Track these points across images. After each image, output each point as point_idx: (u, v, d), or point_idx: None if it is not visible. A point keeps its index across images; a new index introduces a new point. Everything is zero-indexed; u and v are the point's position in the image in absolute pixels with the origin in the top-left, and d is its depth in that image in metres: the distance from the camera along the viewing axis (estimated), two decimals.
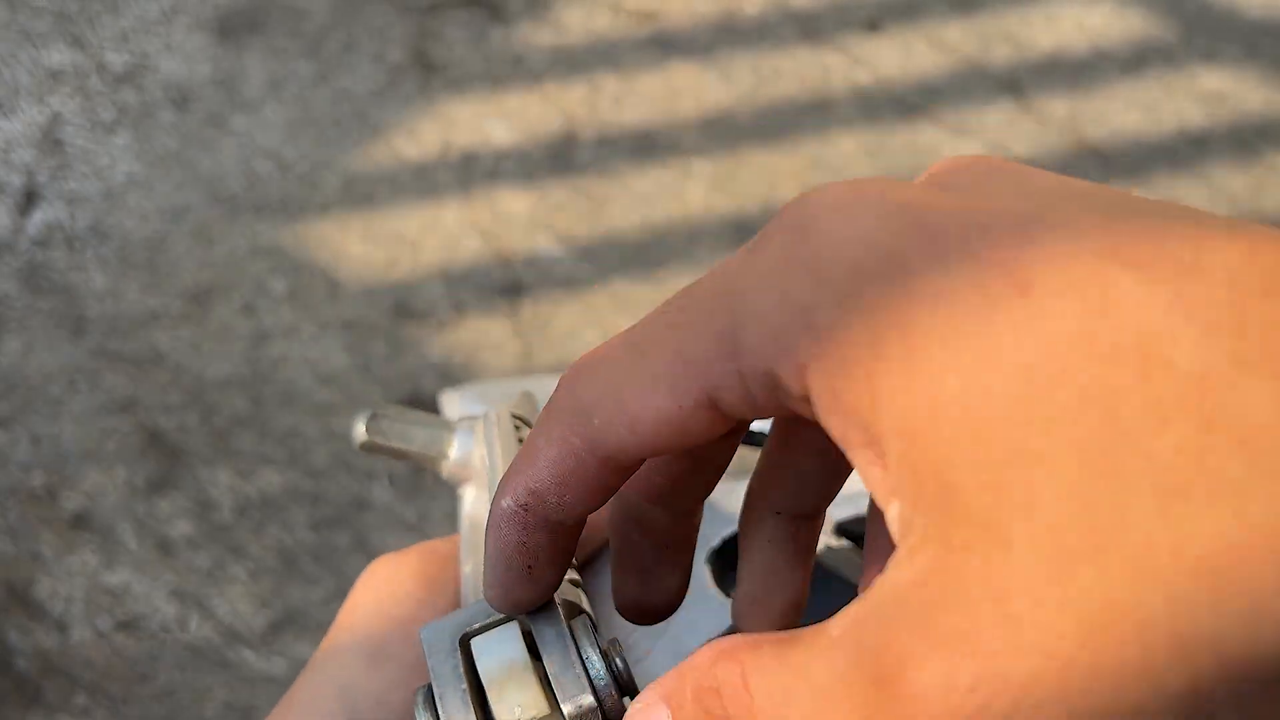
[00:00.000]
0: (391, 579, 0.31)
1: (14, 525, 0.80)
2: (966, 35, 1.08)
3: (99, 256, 0.93)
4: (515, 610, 0.23)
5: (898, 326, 0.17)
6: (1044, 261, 0.16)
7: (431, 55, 1.06)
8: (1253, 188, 0.98)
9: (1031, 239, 0.16)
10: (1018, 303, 0.16)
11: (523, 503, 0.21)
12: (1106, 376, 0.16)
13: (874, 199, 0.18)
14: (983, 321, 0.16)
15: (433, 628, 0.25)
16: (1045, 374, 0.16)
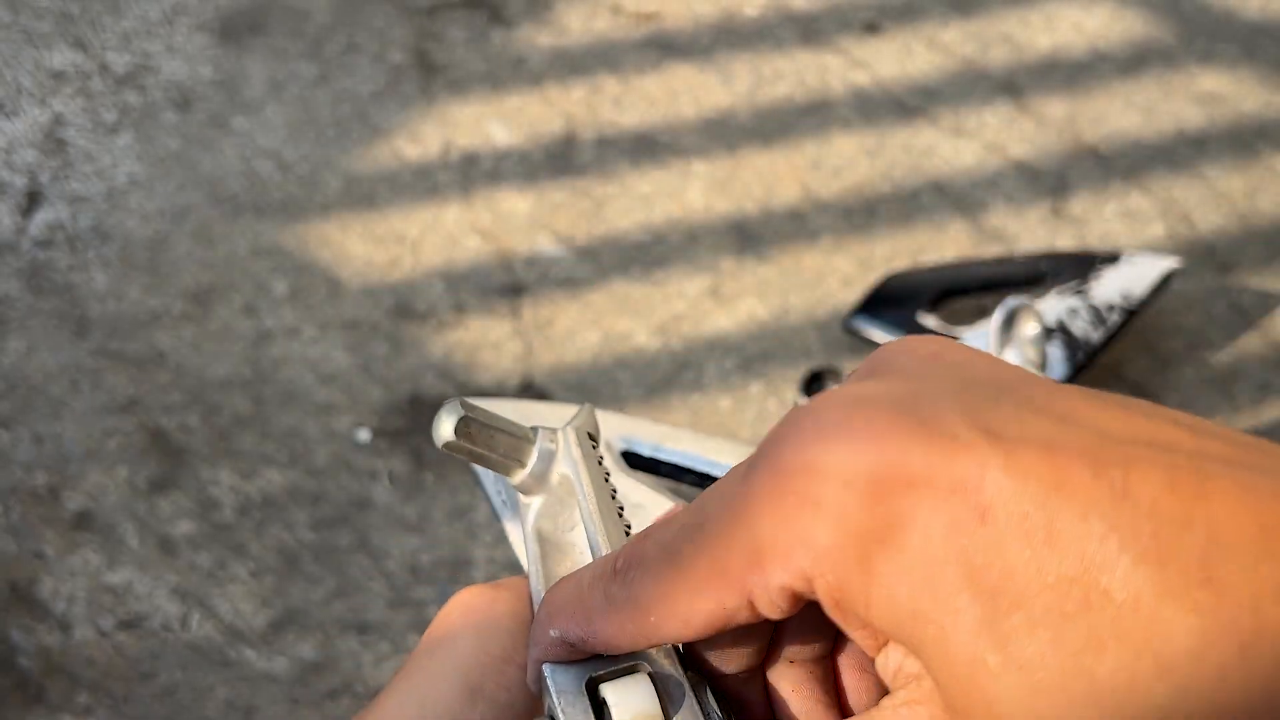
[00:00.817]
0: (489, 613, 0.30)
1: (16, 525, 0.80)
2: (965, 37, 1.09)
3: (101, 257, 0.93)
4: None
5: (883, 546, 0.20)
6: (996, 490, 0.19)
7: (432, 56, 1.07)
8: (1250, 189, 0.98)
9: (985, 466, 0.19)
10: (979, 531, 0.19)
11: (571, 642, 0.24)
12: (1055, 604, 0.18)
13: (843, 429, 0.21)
14: (952, 545, 0.19)
15: (558, 668, 0.25)
16: (1005, 598, 0.19)
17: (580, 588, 0.25)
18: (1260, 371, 0.88)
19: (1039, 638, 0.18)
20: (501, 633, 0.30)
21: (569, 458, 0.31)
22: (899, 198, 0.97)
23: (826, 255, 0.94)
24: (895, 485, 0.20)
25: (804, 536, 0.20)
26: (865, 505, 0.20)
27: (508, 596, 0.31)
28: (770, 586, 0.21)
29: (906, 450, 0.20)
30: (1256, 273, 0.93)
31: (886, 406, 0.21)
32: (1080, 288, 0.84)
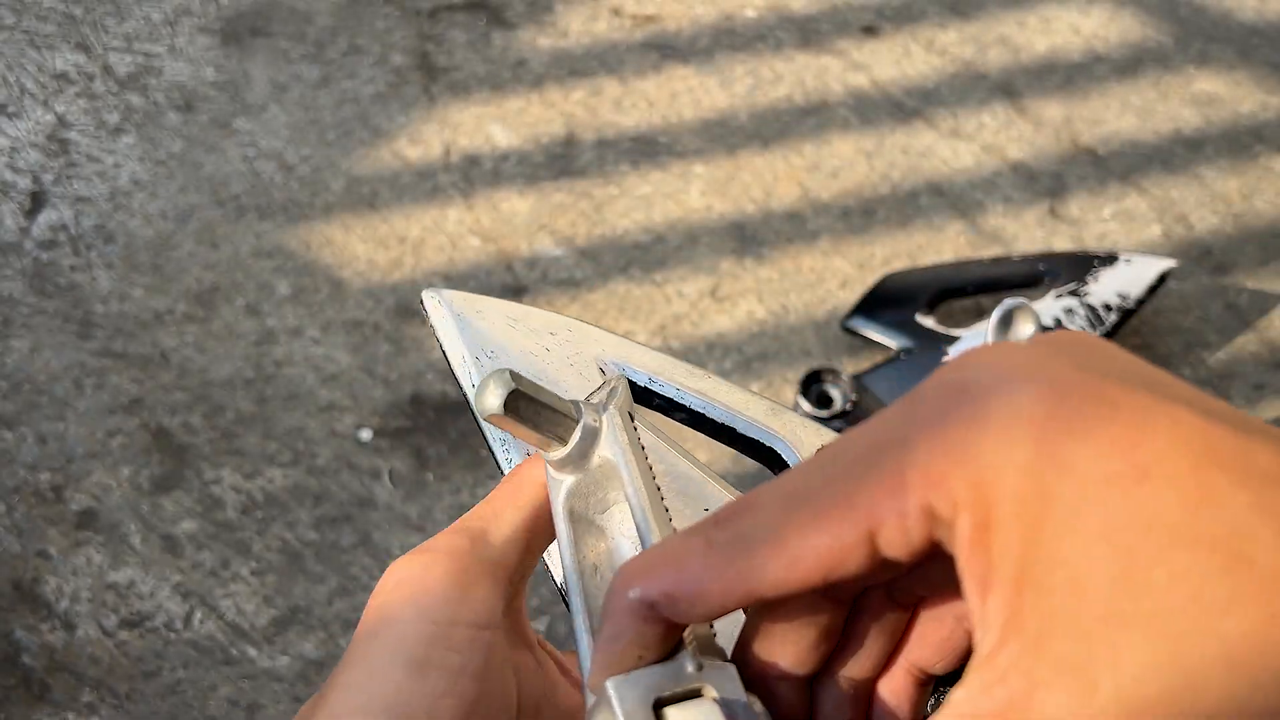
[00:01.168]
0: (423, 581, 0.29)
1: (20, 524, 0.80)
2: (962, 39, 1.09)
3: (104, 258, 0.94)
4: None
5: (1038, 486, 0.20)
6: (1157, 453, 0.20)
7: (434, 59, 1.07)
8: (1247, 190, 0.99)
9: (1148, 429, 0.20)
10: (1134, 488, 0.20)
11: (652, 599, 0.24)
12: (1198, 563, 0.19)
13: (1026, 368, 0.22)
14: (1105, 497, 0.20)
15: (622, 683, 0.24)
16: (1149, 552, 0.19)
17: (672, 541, 0.24)
18: (1256, 371, 0.89)
19: (1179, 594, 0.19)
20: (439, 599, 0.29)
21: (614, 442, 0.30)
22: (897, 199, 0.98)
23: (825, 256, 0.94)
24: (1066, 429, 0.20)
25: (966, 460, 0.21)
26: (1035, 439, 0.20)
27: (440, 559, 0.30)
28: (910, 510, 0.21)
29: (1082, 399, 0.20)
30: (1253, 273, 0.94)
31: (1067, 360, 0.22)
32: (1077, 288, 0.85)
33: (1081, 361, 0.22)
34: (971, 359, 0.22)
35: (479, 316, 0.38)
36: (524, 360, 0.37)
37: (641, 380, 0.38)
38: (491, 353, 0.37)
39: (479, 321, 0.38)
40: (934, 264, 0.92)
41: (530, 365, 0.37)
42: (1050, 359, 0.22)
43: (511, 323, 0.39)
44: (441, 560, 0.30)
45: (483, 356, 0.37)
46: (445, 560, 0.30)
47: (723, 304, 0.92)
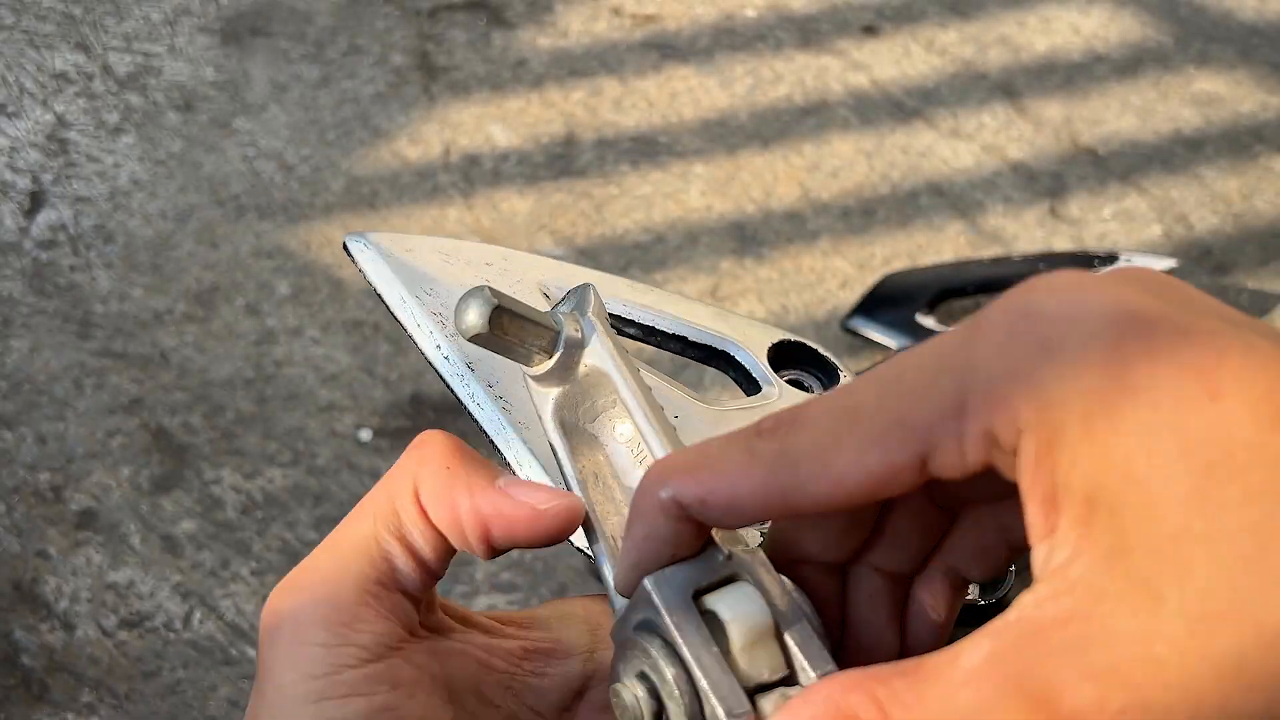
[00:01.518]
0: (296, 632, 0.27)
1: (20, 524, 0.80)
2: (962, 39, 1.09)
3: (104, 258, 0.94)
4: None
5: (1108, 407, 0.20)
6: (1231, 375, 0.19)
7: (434, 59, 1.07)
8: (1247, 190, 0.99)
9: (1223, 353, 0.20)
10: (1209, 406, 0.19)
11: (686, 501, 0.23)
12: (1271, 481, 0.19)
13: (1095, 292, 0.21)
14: (1178, 417, 0.19)
15: (661, 579, 0.24)
16: (1222, 470, 0.19)
17: (710, 446, 0.24)
18: None
19: (1252, 511, 0.19)
20: (318, 653, 0.26)
21: (601, 348, 0.29)
22: (897, 199, 0.98)
23: (825, 256, 0.94)
24: (1137, 351, 0.20)
25: (1033, 379, 0.20)
26: (1103, 361, 0.20)
27: (315, 602, 0.27)
28: (969, 433, 0.21)
29: (1153, 325, 0.20)
30: (1253, 273, 0.94)
31: (1138, 289, 0.21)
32: None
33: (1154, 290, 0.21)
34: (1040, 285, 0.22)
35: (410, 255, 0.37)
36: (462, 294, 0.36)
37: (617, 309, 0.37)
38: (430, 289, 0.36)
39: (411, 260, 0.37)
40: (934, 264, 0.92)
41: None
42: (1121, 286, 0.21)
43: (444, 257, 0.37)
44: (318, 604, 0.27)
45: (421, 294, 0.36)
46: (322, 603, 0.27)
47: (723, 304, 0.92)
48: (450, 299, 0.36)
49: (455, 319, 0.28)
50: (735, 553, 0.25)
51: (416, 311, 0.35)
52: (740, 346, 0.38)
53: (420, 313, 0.35)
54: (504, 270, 0.38)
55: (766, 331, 0.38)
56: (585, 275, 0.38)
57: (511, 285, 0.37)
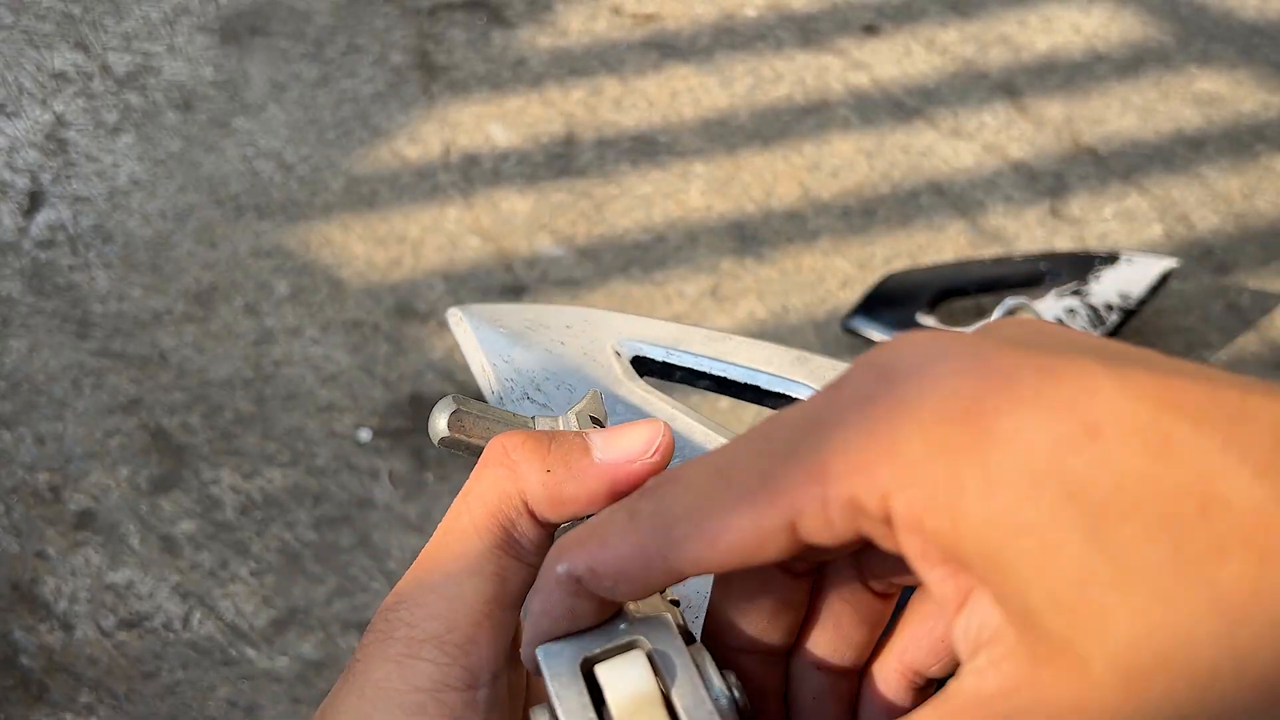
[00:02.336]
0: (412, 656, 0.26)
1: (18, 524, 0.80)
2: (963, 38, 1.09)
3: (102, 257, 0.93)
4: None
5: (977, 461, 0.19)
6: (1107, 409, 0.18)
7: (433, 58, 1.07)
8: (1248, 189, 0.98)
9: (1094, 389, 0.18)
10: (1089, 445, 0.18)
11: (579, 575, 0.23)
12: (1170, 512, 0.18)
13: (953, 348, 0.20)
14: (1057, 460, 0.18)
15: (550, 650, 0.24)
16: (1115, 509, 0.18)
17: (601, 514, 0.23)
18: (1258, 372, 0.88)
19: (1157, 546, 0.17)
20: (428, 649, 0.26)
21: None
22: (898, 198, 0.98)
23: (825, 256, 0.94)
24: (1000, 401, 0.19)
25: (892, 444, 0.19)
26: (965, 415, 0.19)
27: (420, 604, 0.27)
28: (832, 499, 0.20)
29: (1014, 370, 0.19)
30: (1254, 273, 0.94)
31: (995, 339, 0.20)
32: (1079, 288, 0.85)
33: (1014, 338, 0.20)
34: (897, 344, 0.21)
35: (498, 325, 0.39)
36: (540, 358, 0.38)
37: (659, 355, 0.38)
38: (508, 358, 0.38)
39: (498, 329, 0.39)
40: (935, 264, 0.92)
41: (546, 362, 0.38)
42: (980, 339, 0.20)
43: (528, 325, 0.39)
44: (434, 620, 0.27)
45: (499, 362, 0.38)
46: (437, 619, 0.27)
47: (723, 304, 0.91)
48: (525, 364, 0.38)
49: (430, 430, 0.29)
50: (639, 617, 0.24)
51: (492, 378, 0.38)
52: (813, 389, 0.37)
53: (495, 378, 0.38)
54: (581, 332, 0.39)
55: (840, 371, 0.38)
56: (662, 329, 0.39)
57: (584, 347, 0.39)
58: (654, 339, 0.38)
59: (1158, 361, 0.20)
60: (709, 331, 0.39)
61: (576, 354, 0.39)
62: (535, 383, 0.38)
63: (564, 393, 0.38)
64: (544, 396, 0.38)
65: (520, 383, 0.38)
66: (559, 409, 0.38)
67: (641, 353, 0.38)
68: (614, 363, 0.38)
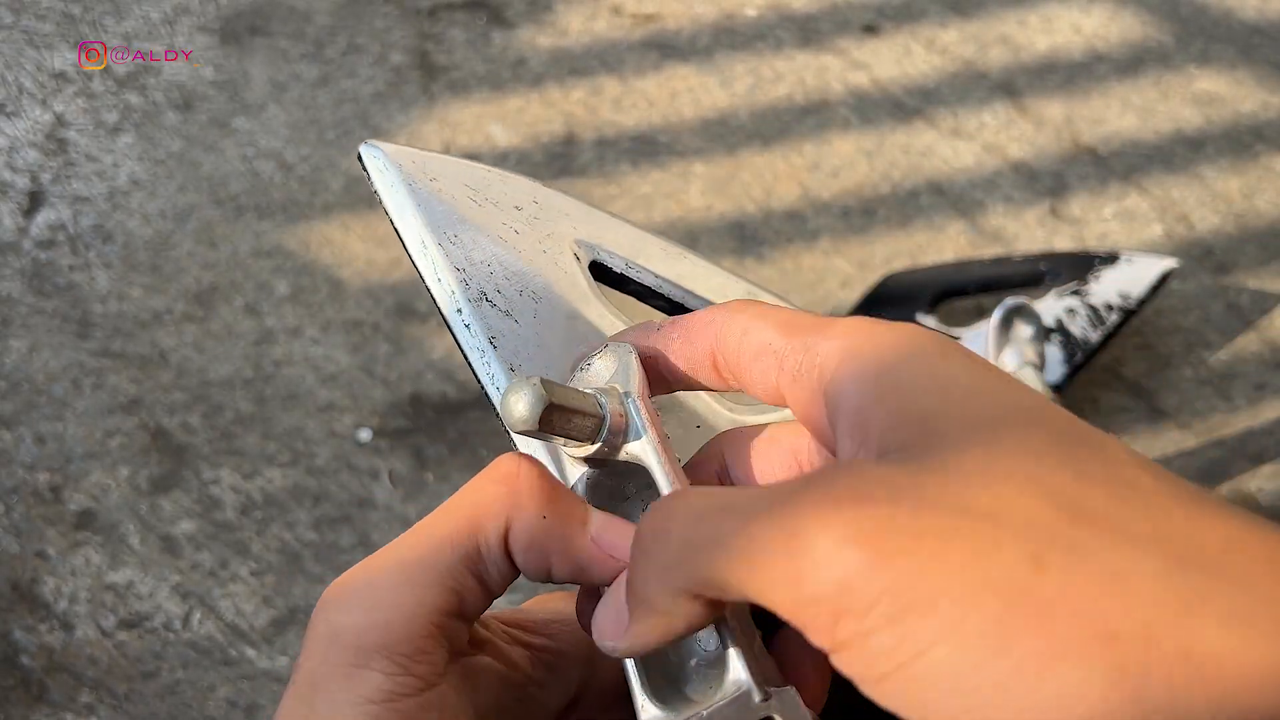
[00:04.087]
0: (360, 665, 0.27)
1: (18, 524, 0.80)
2: (963, 38, 1.09)
3: (103, 257, 0.93)
4: None
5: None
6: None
7: (433, 58, 1.07)
8: (1248, 189, 0.99)
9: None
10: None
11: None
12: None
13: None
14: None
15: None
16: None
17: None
18: (1257, 371, 0.88)
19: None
20: (377, 659, 0.27)
21: (646, 443, 0.28)
22: (898, 198, 0.98)
23: (825, 256, 0.94)
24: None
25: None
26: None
27: (370, 608, 0.27)
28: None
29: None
30: (1254, 273, 0.94)
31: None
32: (1078, 288, 0.85)
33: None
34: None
35: (434, 185, 0.33)
36: (492, 247, 0.33)
37: (618, 266, 0.35)
38: (455, 236, 0.32)
39: (436, 192, 0.33)
40: (935, 264, 0.92)
41: (501, 254, 0.33)
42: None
43: (472, 194, 0.34)
44: (384, 630, 0.27)
45: (445, 241, 0.32)
46: (388, 629, 0.27)
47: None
48: (477, 250, 0.33)
49: (504, 407, 0.27)
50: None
51: (439, 262, 0.32)
52: None
53: (443, 264, 0.32)
54: (534, 217, 0.35)
55: None
56: (622, 232, 0.36)
57: (541, 239, 0.34)
58: (612, 242, 0.35)
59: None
60: (667, 245, 0.37)
61: (533, 249, 0.34)
62: (494, 281, 0.33)
63: (527, 301, 0.33)
64: (505, 302, 0.32)
65: (476, 277, 0.32)
66: (524, 321, 0.32)
67: (600, 259, 0.35)
68: (576, 269, 0.34)
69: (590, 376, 0.30)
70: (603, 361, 0.30)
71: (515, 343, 0.32)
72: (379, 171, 0.33)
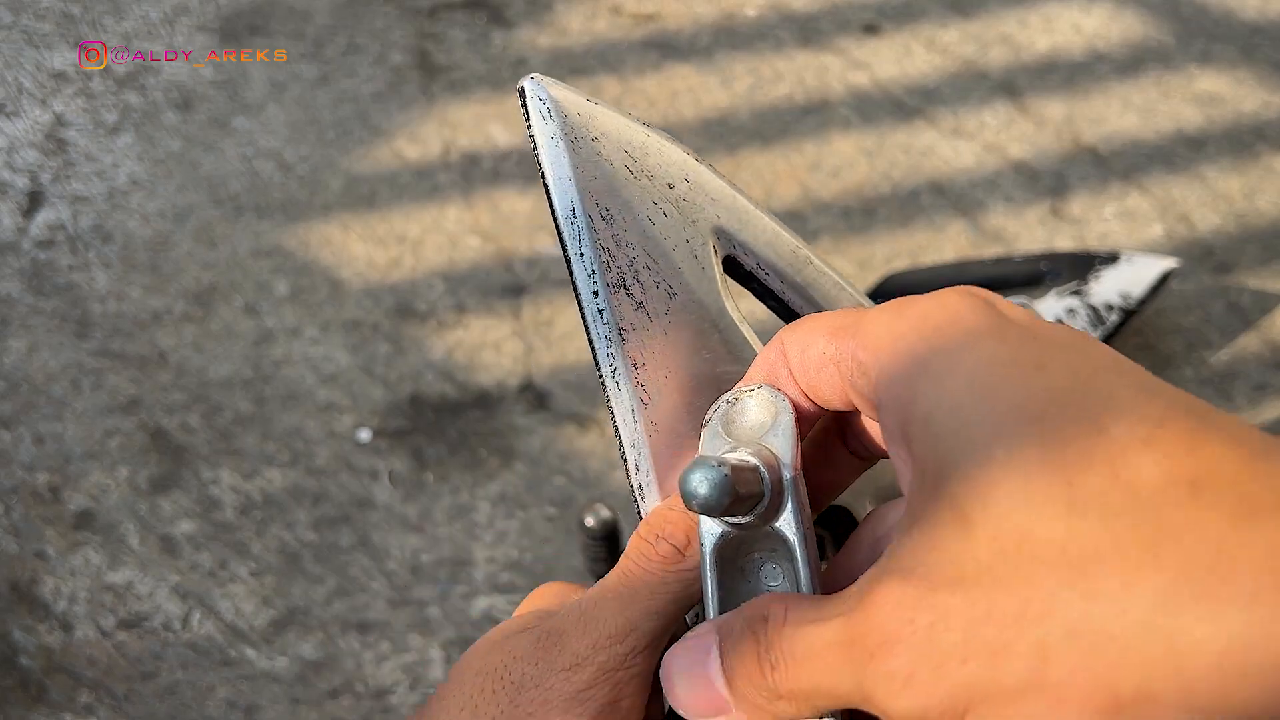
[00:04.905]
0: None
1: (18, 524, 0.80)
2: (964, 38, 1.09)
3: (102, 257, 0.93)
4: None
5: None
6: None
7: (433, 57, 1.07)
8: (1249, 189, 0.98)
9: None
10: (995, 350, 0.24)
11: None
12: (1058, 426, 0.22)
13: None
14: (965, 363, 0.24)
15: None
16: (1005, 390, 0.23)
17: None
18: (1258, 371, 0.88)
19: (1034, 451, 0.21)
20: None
21: (791, 521, 0.27)
22: (898, 198, 0.98)
23: (826, 255, 0.94)
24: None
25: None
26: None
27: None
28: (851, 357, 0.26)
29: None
30: (1254, 273, 0.94)
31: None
32: (1079, 288, 0.84)
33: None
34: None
35: (595, 145, 0.32)
36: (641, 229, 0.31)
37: (749, 265, 0.35)
38: (607, 210, 0.31)
39: (594, 154, 0.32)
40: (935, 263, 0.92)
41: (647, 238, 0.31)
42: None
43: (630, 163, 0.32)
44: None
45: (596, 216, 0.31)
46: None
47: None
48: (626, 231, 0.31)
49: (684, 481, 0.25)
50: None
51: (586, 237, 0.31)
52: None
53: (589, 241, 0.31)
54: (683, 198, 0.33)
55: None
56: (760, 227, 0.34)
57: (685, 225, 0.32)
58: (750, 235, 0.34)
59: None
60: (798, 244, 0.35)
61: (678, 236, 0.32)
62: (635, 268, 0.31)
63: (663, 295, 0.32)
64: (642, 292, 0.31)
65: (620, 261, 0.31)
66: (656, 315, 0.31)
67: (735, 255, 0.34)
68: (712, 263, 0.33)
69: (741, 417, 0.30)
70: (757, 405, 0.29)
71: (644, 337, 0.31)
72: (540, 118, 0.32)
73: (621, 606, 0.28)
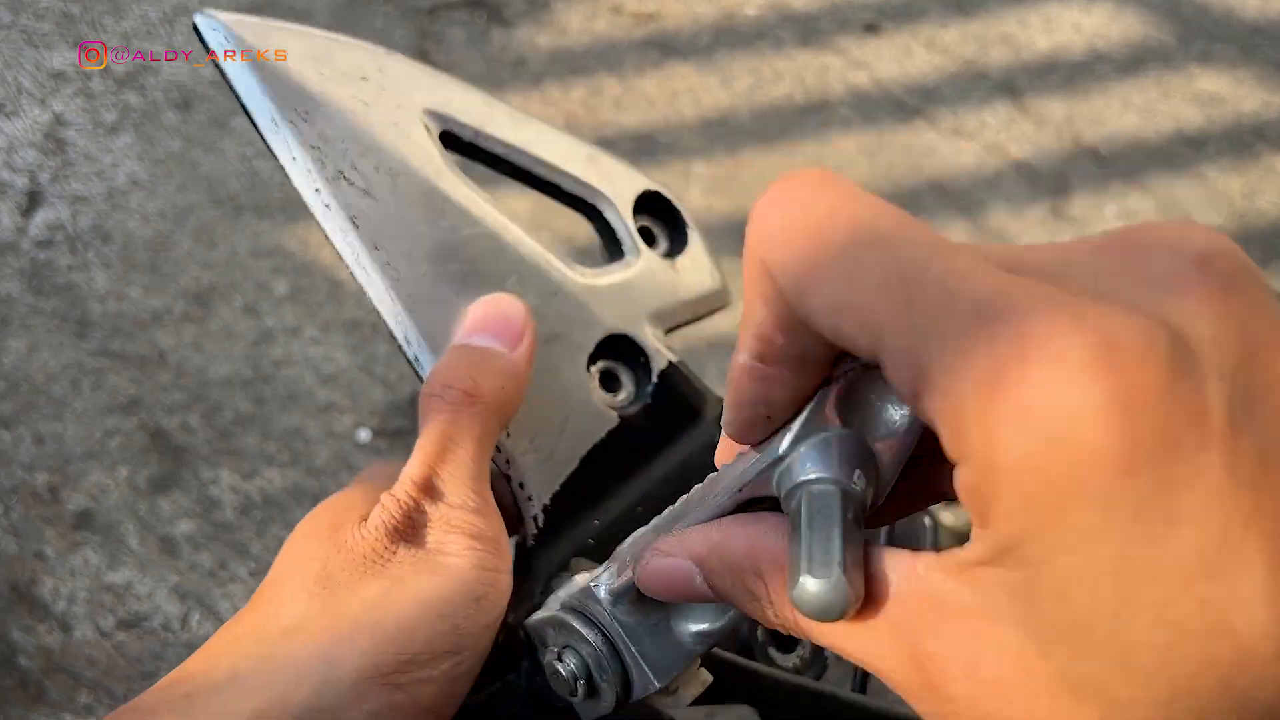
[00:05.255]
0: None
1: (17, 524, 0.80)
2: (964, 37, 1.09)
3: (101, 257, 0.93)
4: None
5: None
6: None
7: (433, 57, 1.07)
8: (1249, 189, 0.98)
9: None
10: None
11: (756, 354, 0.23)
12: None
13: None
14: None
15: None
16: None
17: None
18: None
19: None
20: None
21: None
22: (899, 198, 0.98)
23: None
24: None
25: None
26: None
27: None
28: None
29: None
30: None
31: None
32: None
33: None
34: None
35: (278, 59, 0.33)
36: (345, 122, 0.32)
37: (467, 136, 0.36)
38: (306, 113, 0.32)
39: (280, 67, 0.33)
40: None
41: (352, 129, 0.33)
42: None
43: (318, 66, 0.34)
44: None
45: (297, 119, 0.32)
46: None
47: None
48: (330, 127, 0.32)
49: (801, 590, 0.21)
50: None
51: (291, 140, 0.32)
52: (610, 201, 0.38)
53: (296, 142, 0.32)
54: (381, 88, 0.34)
55: (633, 181, 0.38)
56: (469, 99, 0.36)
57: (391, 112, 0.34)
58: (460, 110, 0.35)
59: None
60: (512, 111, 0.37)
61: (385, 122, 0.34)
62: (349, 158, 0.32)
63: (384, 177, 0.33)
64: (362, 179, 0.33)
65: (331, 155, 0.32)
66: (383, 198, 0.32)
67: (450, 129, 0.35)
68: (428, 141, 0.34)
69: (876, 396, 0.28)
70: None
71: (376, 221, 0.32)
72: (221, 45, 0.32)
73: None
